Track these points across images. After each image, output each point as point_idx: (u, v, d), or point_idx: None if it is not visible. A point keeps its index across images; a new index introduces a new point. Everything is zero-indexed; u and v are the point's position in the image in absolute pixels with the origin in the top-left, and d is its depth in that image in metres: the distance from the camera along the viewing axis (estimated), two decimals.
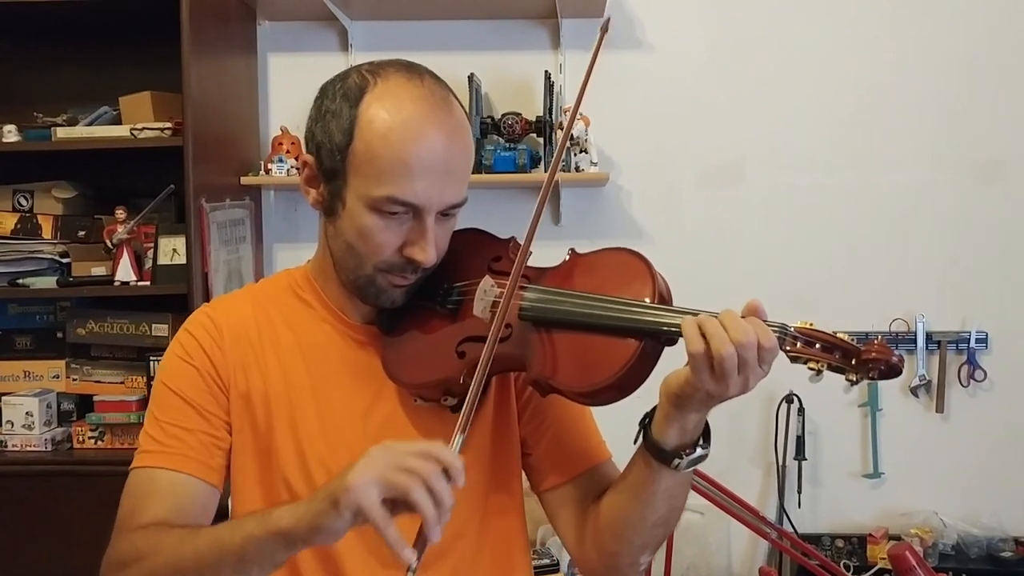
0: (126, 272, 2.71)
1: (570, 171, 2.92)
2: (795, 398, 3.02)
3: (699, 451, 1.14)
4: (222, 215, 2.80)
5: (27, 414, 2.70)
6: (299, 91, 3.14)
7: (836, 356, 1.05)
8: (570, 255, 1.26)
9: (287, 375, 1.28)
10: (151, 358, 2.73)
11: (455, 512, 1.27)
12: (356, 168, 1.18)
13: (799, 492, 3.06)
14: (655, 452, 1.14)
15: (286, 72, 3.13)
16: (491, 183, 2.94)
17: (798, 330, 1.06)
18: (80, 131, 2.76)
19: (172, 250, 2.71)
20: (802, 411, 3.03)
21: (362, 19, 3.08)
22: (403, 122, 1.17)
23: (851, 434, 3.12)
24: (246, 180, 2.97)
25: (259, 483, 1.28)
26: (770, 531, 2.58)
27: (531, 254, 1.21)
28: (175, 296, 2.66)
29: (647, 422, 1.16)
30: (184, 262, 2.67)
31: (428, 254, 1.20)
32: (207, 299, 2.61)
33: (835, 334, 1.06)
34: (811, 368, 1.06)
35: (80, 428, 2.75)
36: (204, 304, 1.37)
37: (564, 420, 1.34)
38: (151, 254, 2.74)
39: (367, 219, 1.19)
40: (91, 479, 2.58)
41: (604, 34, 1.26)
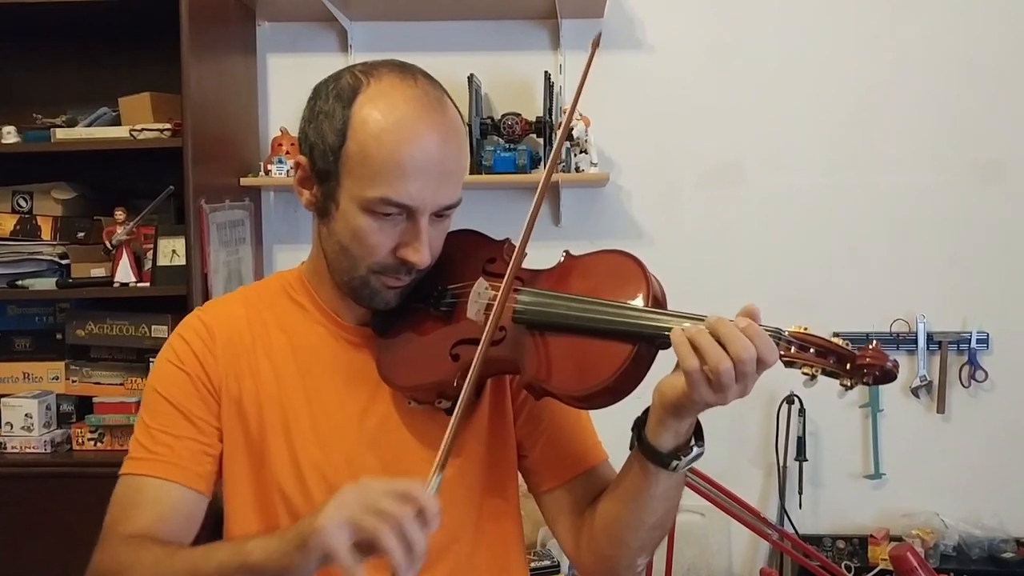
0: (125, 273, 2.70)
1: (570, 171, 2.92)
2: (796, 399, 3.02)
3: (696, 451, 1.13)
4: (222, 216, 2.79)
5: (26, 416, 2.69)
6: (299, 92, 3.11)
7: (830, 361, 1.04)
8: (564, 257, 1.25)
9: (280, 378, 1.27)
10: (151, 359, 2.69)
11: (449, 515, 1.26)
12: (349, 169, 1.17)
13: (800, 493, 3.05)
14: (651, 456, 1.13)
15: (286, 73, 3.13)
16: (491, 183, 2.94)
17: (792, 334, 1.05)
18: (79, 132, 2.75)
19: (172, 251, 2.71)
20: (803, 412, 3.03)
21: (362, 20, 3.08)
22: (396, 123, 1.16)
23: (852, 435, 3.11)
24: (246, 181, 2.96)
25: (252, 488, 1.27)
26: (771, 532, 2.57)
27: (526, 255, 1.20)
28: (175, 297, 2.65)
29: (639, 427, 1.15)
30: (184, 263, 2.67)
31: (422, 255, 1.19)
32: (207, 300, 2.61)
33: (830, 339, 1.04)
34: (805, 373, 1.05)
35: (80, 430, 2.75)
36: (197, 308, 1.36)
37: (560, 422, 1.33)
38: (151, 255, 2.73)
39: (360, 220, 1.18)
40: (91, 481, 2.53)
41: (596, 48, 1.26)
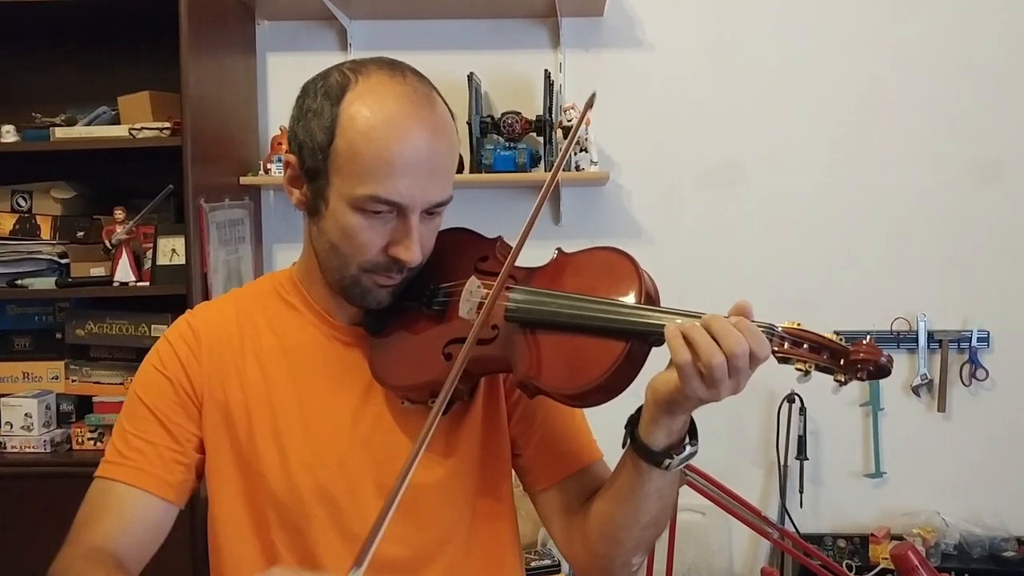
0: (125, 272, 2.70)
1: (570, 170, 2.91)
2: (796, 398, 3.01)
3: (688, 449, 1.13)
4: (221, 215, 2.79)
5: (26, 415, 2.69)
6: (298, 91, 3.18)
7: (824, 356, 1.03)
8: (557, 254, 1.24)
9: (269, 380, 1.27)
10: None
11: (443, 515, 1.26)
12: (338, 167, 1.16)
13: (801, 492, 3.05)
14: (645, 455, 1.12)
15: (285, 72, 3.13)
16: (491, 182, 2.93)
17: (786, 330, 1.04)
18: (79, 131, 2.75)
19: (171, 250, 2.70)
20: (803, 411, 3.02)
21: (361, 18, 3.07)
22: (385, 120, 1.15)
23: (853, 434, 3.11)
24: (245, 180, 2.96)
25: (241, 493, 1.26)
26: (772, 531, 2.57)
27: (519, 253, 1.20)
28: (174, 296, 2.64)
29: (632, 425, 1.14)
30: (183, 262, 2.67)
31: (413, 253, 1.18)
32: (207, 299, 2.60)
33: (823, 334, 1.04)
34: (798, 369, 1.04)
35: (79, 429, 2.75)
36: (188, 311, 1.35)
37: (554, 420, 1.33)
38: (150, 254, 2.73)
39: (350, 219, 1.17)
40: (90, 481, 2.55)
41: (589, 108, 1.27)
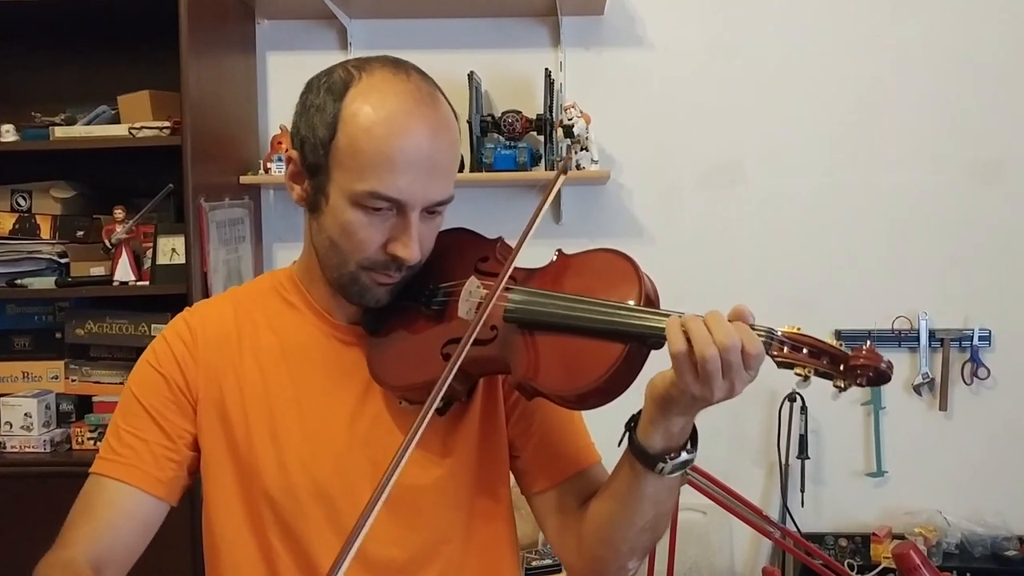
0: (125, 272, 2.70)
1: (571, 169, 2.90)
2: (798, 397, 3.01)
3: (684, 455, 1.12)
4: (221, 214, 2.78)
5: (26, 415, 2.69)
6: (298, 90, 3.14)
7: (824, 361, 1.02)
8: (557, 256, 1.23)
9: (267, 379, 1.26)
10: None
11: (440, 516, 1.26)
12: (339, 162, 1.16)
13: (802, 491, 3.05)
14: (640, 456, 1.12)
15: (285, 71, 3.12)
16: (491, 181, 2.93)
17: (785, 335, 1.04)
18: (78, 130, 2.75)
19: (171, 250, 2.70)
20: (805, 410, 3.02)
21: (361, 17, 3.07)
22: (387, 116, 1.15)
23: (854, 433, 3.11)
24: (245, 179, 2.95)
25: (237, 492, 1.26)
26: (773, 530, 2.56)
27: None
28: (174, 296, 2.63)
29: (632, 425, 1.14)
30: (183, 262, 2.66)
31: (412, 251, 1.17)
32: (206, 298, 2.60)
33: (823, 339, 1.03)
34: (798, 374, 1.03)
35: (79, 429, 2.74)
36: (186, 309, 1.35)
37: (553, 423, 1.32)
38: (150, 254, 2.73)
39: (350, 215, 1.17)
40: None
41: (563, 174, 1.27)
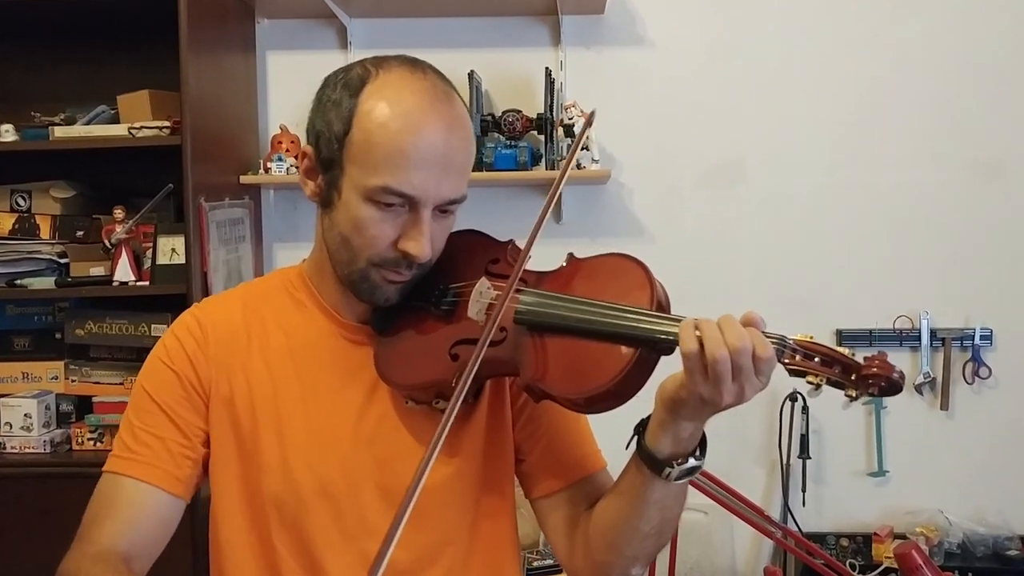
0: (125, 272, 2.69)
1: (571, 168, 2.90)
2: (799, 396, 3.00)
3: (691, 462, 1.12)
4: (221, 214, 2.78)
5: (25, 416, 2.68)
6: (298, 89, 3.16)
7: (836, 370, 1.03)
8: (568, 259, 1.24)
9: (275, 377, 1.26)
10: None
11: (444, 518, 1.26)
12: (353, 157, 1.17)
13: (803, 491, 3.04)
14: (647, 460, 1.12)
15: (285, 70, 3.12)
16: (492, 181, 2.92)
17: (797, 343, 1.04)
18: (78, 130, 2.74)
19: (171, 250, 2.69)
20: (806, 409, 3.02)
21: (361, 16, 3.07)
22: (402, 113, 1.15)
23: (855, 432, 3.10)
24: (245, 179, 2.95)
25: (240, 490, 1.26)
26: (775, 530, 2.56)
27: (530, 258, 1.19)
28: (174, 296, 2.63)
29: (641, 429, 1.14)
30: (183, 262, 2.65)
31: (423, 248, 1.17)
32: (208, 297, 2.60)
33: (835, 348, 1.04)
34: (810, 382, 1.04)
35: (79, 429, 2.74)
36: (194, 304, 1.35)
37: (559, 427, 1.32)
38: (150, 254, 2.72)
39: (362, 210, 1.17)
40: (90, 481, 2.48)
41: (589, 126, 1.28)
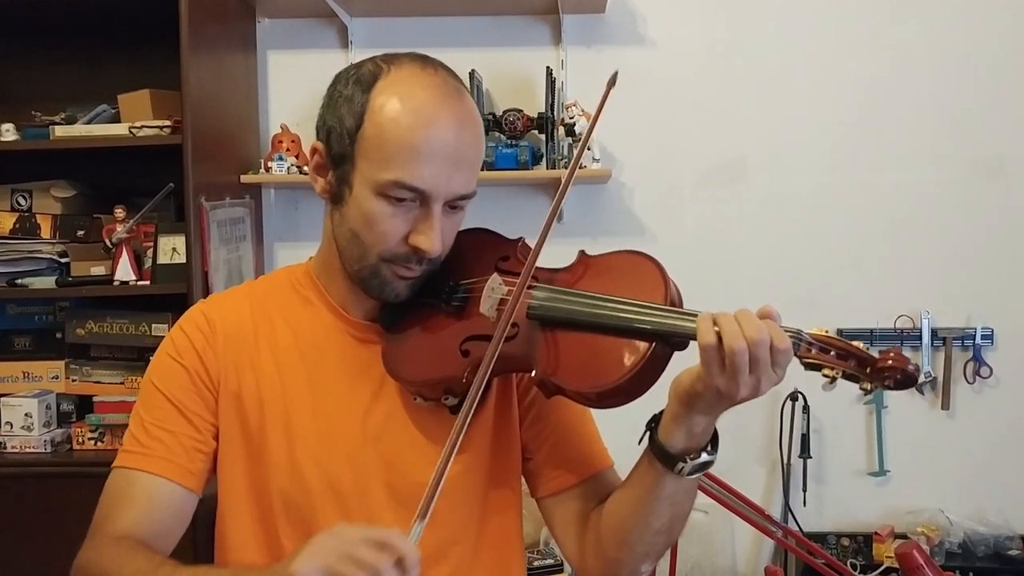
0: (125, 271, 2.69)
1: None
2: (800, 396, 3.00)
3: (704, 457, 1.12)
4: (222, 214, 2.78)
5: (26, 415, 2.68)
6: (299, 89, 3.17)
7: (851, 364, 1.04)
8: (580, 256, 1.24)
9: (283, 375, 1.26)
10: (151, 358, 2.69)
11: (454, 515, 1.25)
12: (364, 152, 1.17)
13: (804, 490, 3.04)
14: (660, 455, 1.12)
15: (286, 70, 3.11)
16: (493, 180, 2.92)
17: (813, 336, 1.05)
18: (78, 130, 2.74)
19: (172, 249, 2.69)
20: (807, 409, 3.01)
21: (362, 16, 3.06)
22: (414, 108, 1.16)
23: (856, 432, 3.10)
24: (246, 178, 2.95)
25: (247, 485, 1.26)
26: (775, 530, 2.56)
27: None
28: (175, 295, 2.63)
29: (654, 424, 1.14)
30: (184, 261, 2.65)
31: (433, 243, 1.18)
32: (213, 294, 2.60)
33: (851, 343, 1.05)
34: (825, 375, 1.05)
35: (80, 429, 2.74)
36: (200, 300, 1.36)
37: (567, 426, 1.32)
38: (151, 253, 2.72)
39: (373, 205, 1.17)
40: (91, 480, 2.48)
41: (611, 87, 1.29)
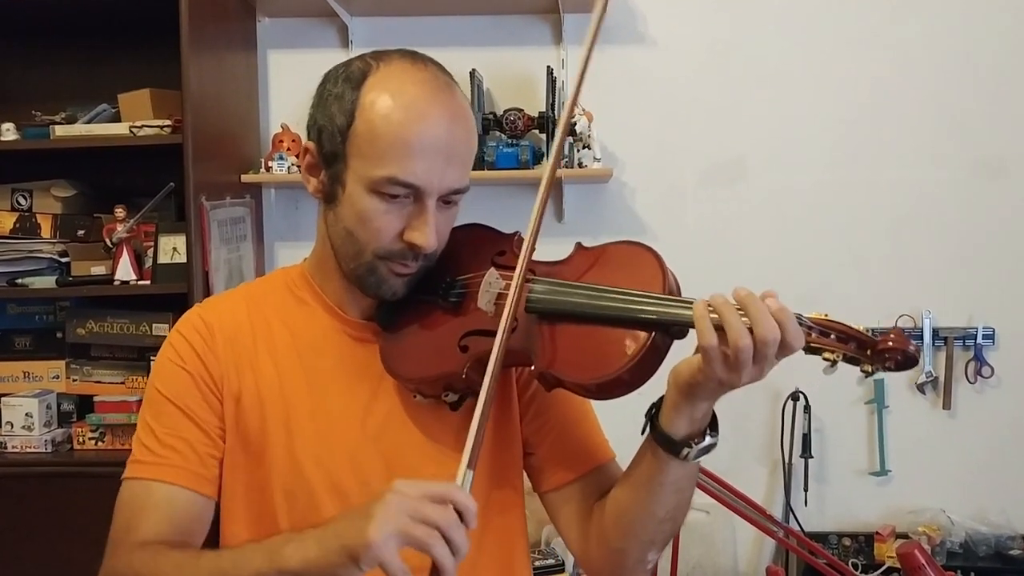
0: (126, 271, 2.69)
1: (573, 167, 2.90)
2: (801, 395, 3.00)
3: (708, 439, 1.12)
4: (222, 213, 2.78)
5: (27, 415, 2.68)
6: (299, 88, 3.12)
7: (851, 346, 1.02)
8: (576, 248, 1.24)
9: (282, 376, 1.26)
10: (152, 358, 2.65)
11: None
12: (357, 149, 1.17)
13: (805, 490, 3.04)
14: (664, 443, 1.12)
15: (286, 69, 3.12)
16: (494, 179, 2.92)
17: (813, 320, 1.04)
18: (79, 129, 2.74)
19: (172, 249, 2.69)
20: (808, 408, 3.01)
21: (362, 15, 3.06)
22: (405, 103, 1.16)
23: (858, 431, 3.10)
24: (246, 178, 2.95)
25: (250, 486, 1.25)
26: (777, 529, 2.56)
27: (535, 249, 1.19)
28: (175, 295, 2.63)
29: (654, 412, 1.14)
30: (184, 261, 2.65)
31: (428, 238, 1.17)
32: (208, 297, 2.60)
33: (850, 325, 1.04)
34: (826, 359, 1.03)
35: (80, 429, 2.74)
36: (196, 304, 1.35)
37: (568, 419, 1.32)
38: (151, 253, 2.72)
39: (367, 202, 1.17)
40: (92, 480, 2.54)
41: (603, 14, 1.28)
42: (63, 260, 2.77)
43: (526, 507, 1.37)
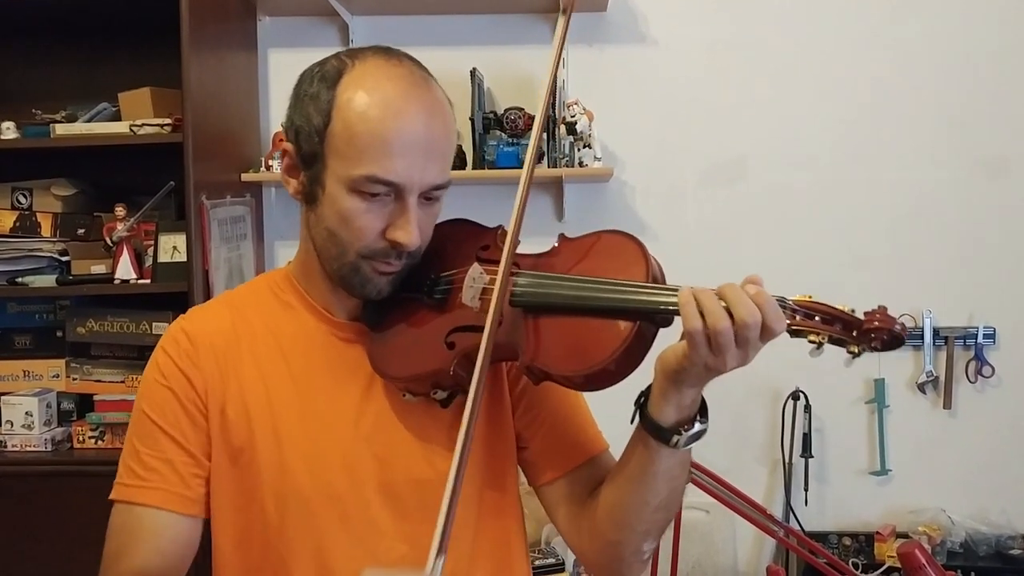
0: (126, 270, 2.69)
1: (573, 166, 2.90)
2: (801, 395, 3.00)
3: (698, 426, 1.11)
4: (223, 212, 2.78)
5: (27, 414, 2.68)
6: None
7: (837, 328, 1.02)
8: (560, 240, 1.23)
9: (267, 381, 1.25)
10: (149, 358, 2.70)
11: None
12: (335, 149, 1.16)
13: (806, 490, 3.04)
14: (653, 431, 1.11)
15: (287, 68, 3.09)
16: (494, 179, 2.92)
17: (797, 303, 1.04)
18: (79, 128, 2.74)
19: (172, 247, 2.69)
20: (808, 408, 3.01)
21: (363, 14, 3.06)
22: (382, 100, 1.15)
23: (858, 431, 3.09)
24: (247, 177, 2.95)
25: (240, 493, 1.24)
26: (777, 529, 2.56)
27: (519, 243, 1.19)
28: (176, 294, 2.63)
29: (642, 401, 1.13)
30: (185, 259, 2.65)
31: (411, 235, 1.16)
32: (208, 297, 2.60)
33: (835, 305, 1.03)
34: (812, 341, 1.03)
35: (80, 428, 2.74)
36: (180, 316, 1.34)
37: (560, 412, 1.31)
38: (151, 252, 2.72)
39: (348, 202, 1.16)
40: (91, 479, 2.51)
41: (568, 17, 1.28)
42: (63, 259, 2.77)
43: (525, 506, 1.37)
